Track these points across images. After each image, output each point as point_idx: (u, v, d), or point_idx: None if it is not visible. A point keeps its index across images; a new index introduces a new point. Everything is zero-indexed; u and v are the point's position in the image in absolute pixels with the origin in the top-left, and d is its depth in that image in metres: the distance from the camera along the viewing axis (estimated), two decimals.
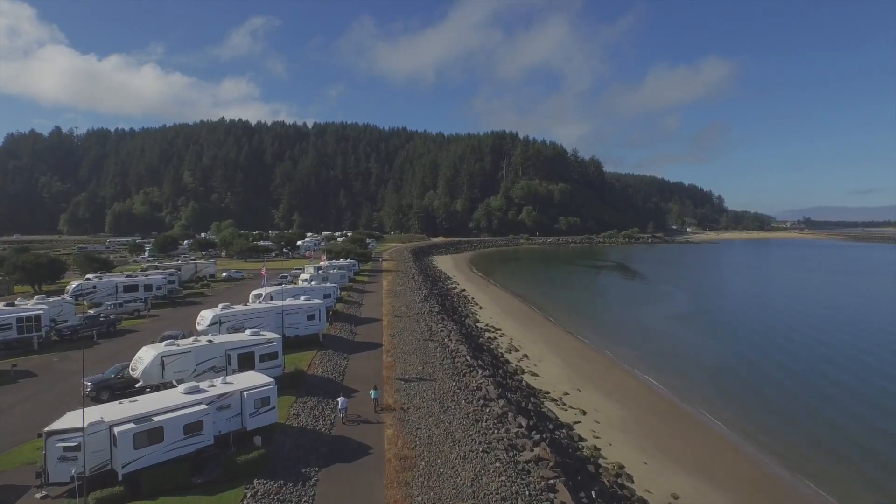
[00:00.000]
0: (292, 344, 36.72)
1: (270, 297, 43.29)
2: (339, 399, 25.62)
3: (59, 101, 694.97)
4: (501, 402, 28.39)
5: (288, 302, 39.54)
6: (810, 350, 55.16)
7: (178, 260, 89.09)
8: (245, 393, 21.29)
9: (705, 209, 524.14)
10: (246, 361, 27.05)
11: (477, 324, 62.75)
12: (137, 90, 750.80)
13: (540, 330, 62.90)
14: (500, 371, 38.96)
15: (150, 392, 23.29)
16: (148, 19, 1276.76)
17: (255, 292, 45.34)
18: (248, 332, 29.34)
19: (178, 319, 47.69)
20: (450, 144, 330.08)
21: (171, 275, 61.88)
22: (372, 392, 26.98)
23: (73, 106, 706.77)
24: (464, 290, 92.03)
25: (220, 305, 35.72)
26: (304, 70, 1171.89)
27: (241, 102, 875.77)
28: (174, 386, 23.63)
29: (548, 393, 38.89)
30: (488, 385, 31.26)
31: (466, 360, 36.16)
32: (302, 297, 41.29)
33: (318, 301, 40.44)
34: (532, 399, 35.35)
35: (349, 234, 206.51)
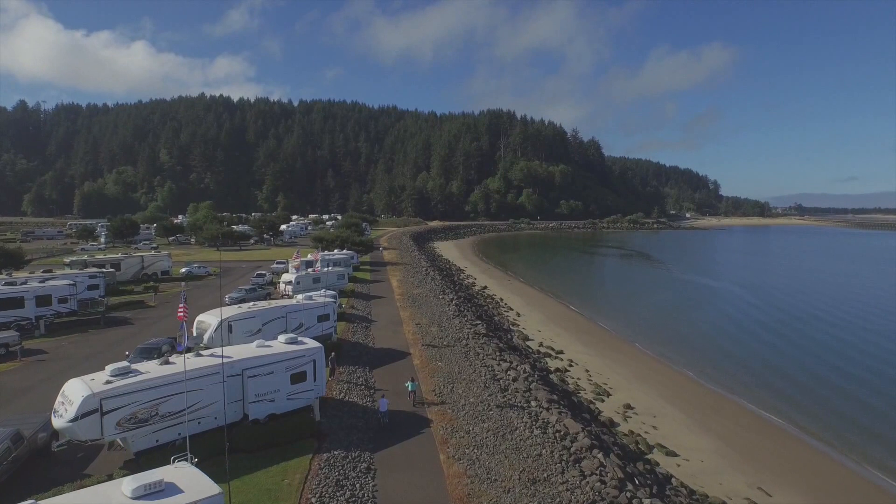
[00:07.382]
0: (261, 441, 18.96)
1: (230, 329, 25.09)
2: (381, 401, 21.69)
3: (38, 77, 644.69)
4: None
5: (254, 350, 20.96)
6: None
7: (126, 250, 69.98)
8: None
9: (702, 194, 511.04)
10: None
11: (527, 342, 45.64)
12: (125, 67, 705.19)
13: (611, 350, 45.92)
14: (639, 464, 21.77)
15: None
16: None
17: (197, 327, 26.14)
18: (131, 484, 11.13)
19: (74, 363, 28.13)
20: (443, 123, 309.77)
21: (91, 276, 42.01)
22: (409, 384, 24.16)
23: (55, 82, 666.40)
24: (486, 288, 74.93)
25: (109, 369, 17.25)
26: (299, 49, 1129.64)
27: (234, 82, 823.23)
28: None
29: None
30: None
31: (600, 462, 18.92)
32: (281, 337, 22.48)
33: (311, 344, 21.90)
34: None
35: (339, 217, 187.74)
